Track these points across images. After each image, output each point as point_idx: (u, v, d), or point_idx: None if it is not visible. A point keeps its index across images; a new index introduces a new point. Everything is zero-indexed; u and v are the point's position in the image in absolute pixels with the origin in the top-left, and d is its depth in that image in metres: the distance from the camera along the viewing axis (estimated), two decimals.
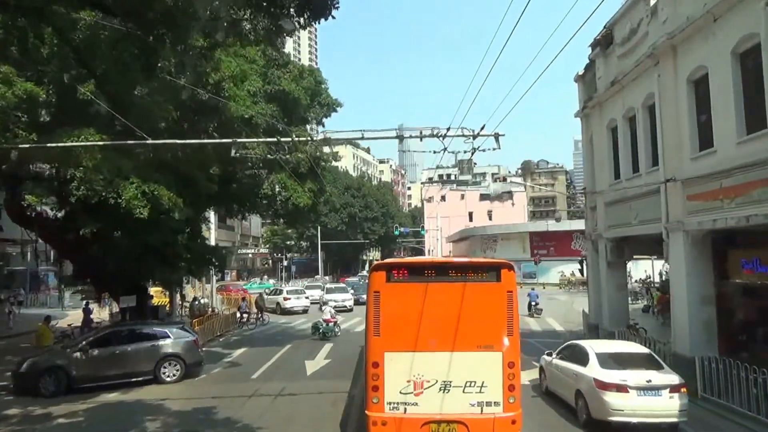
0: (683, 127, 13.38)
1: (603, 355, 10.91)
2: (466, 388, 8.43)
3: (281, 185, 19.37)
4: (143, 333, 15.90)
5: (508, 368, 8.45)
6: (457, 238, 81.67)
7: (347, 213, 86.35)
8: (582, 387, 10.70)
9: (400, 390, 8.46)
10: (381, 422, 8.41)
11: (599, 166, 18.85)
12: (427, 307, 8.59)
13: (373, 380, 8.52)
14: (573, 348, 12.22)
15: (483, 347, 8.51)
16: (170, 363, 15.59)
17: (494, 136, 11.51)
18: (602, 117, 18.51)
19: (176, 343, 15.87)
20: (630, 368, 10.36)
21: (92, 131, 12.26)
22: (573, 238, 62.98)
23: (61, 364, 14.27)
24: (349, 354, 19.24)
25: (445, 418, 8.39)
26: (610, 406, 9.87)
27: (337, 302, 33.31)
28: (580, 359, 11.32)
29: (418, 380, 8.48)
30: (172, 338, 15.92)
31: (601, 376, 10.26)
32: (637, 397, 9.83)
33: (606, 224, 18.18)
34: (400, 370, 8.49)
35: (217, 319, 25.77)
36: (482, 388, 8.41)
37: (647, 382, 9.96)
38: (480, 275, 8.75)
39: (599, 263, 18.98)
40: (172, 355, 15.64)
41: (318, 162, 21.17)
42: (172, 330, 16.43)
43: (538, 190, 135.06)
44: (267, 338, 24.40)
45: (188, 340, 16.34)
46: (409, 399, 8.45)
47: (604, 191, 18.18)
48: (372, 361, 8.61)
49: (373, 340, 8.67)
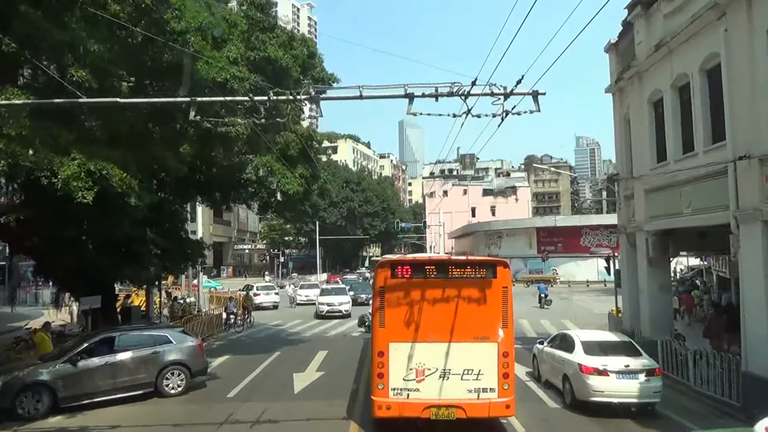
0: (762, 89, 10.69)
1: (587, 343, 12.03)
2: (464, 376, 9.14)
3: (267, 169, 16.63)
4: (141, 338, 13.59)
5: (503, 357, 9.18)
6: (460, 234, 79.02)
7: (346, 208, 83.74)
8: (568, 372, 11.80)
9: (403, 377, 9.17)
10: (386, 406, 9.15)
11: (638, 148, 16.16)
12: (428, 301, 9.32)
13: (378, 368, 9.25)
14: (562, 337, 13.25)
15: (480, 338, 9.22)
16: (174, 372, 13.32)
17: (533, 95, 8.83)
18: (642, 89, 15.82)
19: (179, 349, 13.55)
20: (611, 355, 11.50)
21: (16, 90, 9.58)
22: (582, 233, 60.50)
23: (44, 381, 11.68)
24: (346, 363, 16.63)
25: (444, 402, 9.07)
26: (591, 388, 11.02)
27: (332, 305, 29.39)
28: (567, 347, 12.38)
29: (420, 368, 9.19)
30: (174, 343, 13.57)
31: (585, 361, 11.34)
32: (616, 380, 10.99)
33: (647, 215, 15.51)
34: (403, 358, 9.19)
35: (201, 321, 23.11)
36: (479, 376, 9.12)
37: (625, 367, 11.10)
38: (477, 272, 9.46)
39: (637, 260, 16.32)
40: (175, 362, 13.36)
41: (310, 143, 18.48)
42: (174, 334, 14.06)
43: (542, 186, 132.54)
44: (254, 343, 21.75)
45: (191, 345, 14.04)
46: (412, 385, 9.16)
47: (644, 176, 15.50)
48: (377, 350, 9.32)
49: (379, 331, 9.40)
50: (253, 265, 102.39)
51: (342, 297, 30.64)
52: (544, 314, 28.83)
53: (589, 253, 60.13)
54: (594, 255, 59.49)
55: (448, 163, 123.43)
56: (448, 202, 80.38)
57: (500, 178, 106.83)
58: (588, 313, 29.28)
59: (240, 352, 19.32)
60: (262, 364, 17.08)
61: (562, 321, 26.77)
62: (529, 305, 33.74)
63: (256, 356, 18.37)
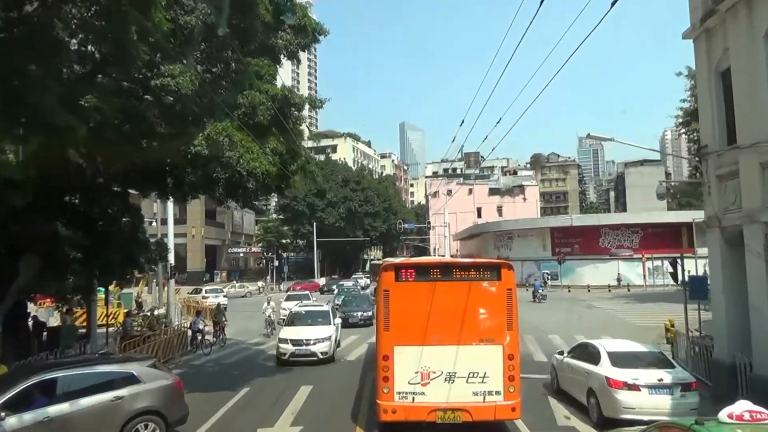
0: None
1: (615, 354, 10.94)
2: (470, 379, 9.04)
3: (225, 140, 11.87)
4: (95, 377, 9.29)
5: (508, 360, 9.11)
6: (467, 236, 74.41)
7: (345, 208, 79.06)
8: (593, 385, 10.76)
9: (409, 380, 9.08)
10: (391, 410, 9.05)
11: (745, 105, 11.44)
12: (433, 304, 9.20)
13: (383, 372, 9.16)
14: (585, 347, 12.11)
15: (485, 341, 9.16)
16: (145, 425, 9.33)
17: None
18: (753, 21, 11.13)
19: (150, 391, 9.54)
20: (641, 367, 10.52)
21: None
22: (601, 233, 55.68)
23: None
24: (337, 410, 11.95)
25: (450, 406, 8.97)
26: (621, 404, 10.00)
27: (301, 344, 17.20)
28: (591, 358, 11.28)
29: (425, 371, 9.10)
30: (143, 383, 9.52)
31: (613, 374, 10.34)
32: (649, 395, 10.01)
33: (763, 199, 10.81)
34: (408, 362, 9.09)
35: (157, 343, 18.35)
36: (484, 379, 9.03)
37: (658, 381, 10.14)
38: (482, 274, 9.51)
39: (738, 263, 11.62)
40: (146, 411, 9.39)
41: (288, 111, 13.78)
42: (142, 370, 9.69)
43: (548, 186, 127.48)
44: (220, 373, 17.00)
45: (167, 384, 9.92)
46: (417, 389, 9.08)
47: (760, 144, 10.78)
48: (382, 354, 9.23)
49: (383, 335, 9.33)
50: (249, 269, 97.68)
51: (319, 328, 18.00)
52: (579, 328, 24.06)
53: (609, 255, 55.73)
54: (614, 257, 55.35)
55: (452, 162, 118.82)
56: (453, 202, 75.58)
57: (507, 176, 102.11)
58: (630, 327, 24.47)
59: (199, 386, 14.49)
60: (222, 408, 12.40)
61: (603, 338, 22.00)
62: (558, 316, 28.97)
63: (218, 395, 13.67)
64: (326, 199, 78.19)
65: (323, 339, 17.39)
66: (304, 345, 17.12)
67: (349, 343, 21.33)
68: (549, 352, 18.34)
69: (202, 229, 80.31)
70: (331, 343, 17.61)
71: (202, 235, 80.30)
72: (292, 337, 17.50)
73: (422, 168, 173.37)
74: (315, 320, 18.92)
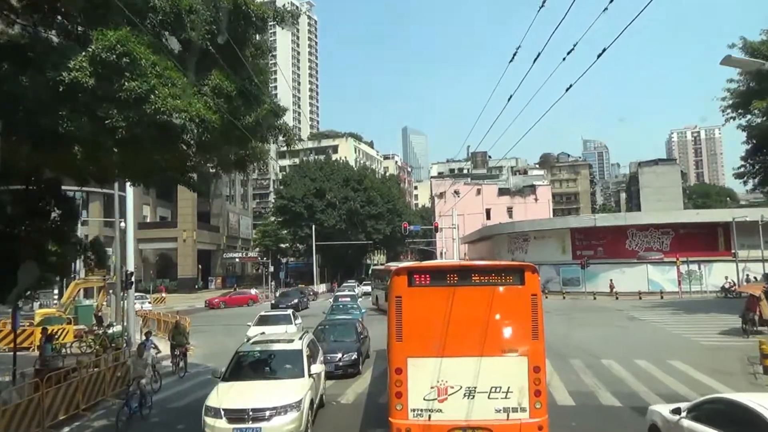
0: None
1: None
2: (492, 394, 8.19)
3: (124, 59, 6.92)
4: None
5: (534, 373, 8.16)
6: (476, 238, 69.35)
7: (346, 209, 74.14)
8: None
9: (424, 396, 8.23)
10: (405, 429, 8.19)
11: None
12: (449, 312, 8.40)
13: (396, 386, 8.32)
14: (723, 406, 7.72)
15: (507, 352, 8.26)
16: None
17: None
18: None
19: None
20: None
21: None
22: (627, 235, 50.50)
23: None
24: None
25: (470, 424, 8.16)
26: None
27: (241, 426, 9.57)
28: (739, 425, 7.09)
29: (442, 386, 8.24)
30: None
31: None
32: None
33: None
34: (423, 376, 8.26)
35: (79, 380, 13.36)
36: (508, 394, 8.16)
37: None
38: (503, 278, 8.59)
39: None
40: None
41: (240, 25, 8.81)
42: None
43: (559, 186, 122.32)
44: (161, 427, 11.98)
45: None
46: (434, 405, 8.22)
47: None
48: (395, 367, 8.39)
49: (396, 345, 8.49)
50: (246, 276, 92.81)
51: (280, 386, 10.57)
52: (635, 350, 19.05)
53: (637, 259, 50.56)
54: (642, 261, 50.16)
55: (458, 162, 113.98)
56: (460, 203, 70.79)
57: (517, 176, 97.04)
58: (697, 348, 19.45)
59: None
60: None
61: (671, 362, 16.92)
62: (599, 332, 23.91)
63: None
64: (326, 199, 73.44)
65: (285, 408, 9.76)
66: (251, 422, 9.59)
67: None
68: (616, 390, 13.54)
69: (194, 233, 75.52)
70: (301, 413, 9.92)
71: (194, 239, 75.50)
72: (230, 406, 9.81)
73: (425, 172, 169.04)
74: (276, 369, 11.36)
